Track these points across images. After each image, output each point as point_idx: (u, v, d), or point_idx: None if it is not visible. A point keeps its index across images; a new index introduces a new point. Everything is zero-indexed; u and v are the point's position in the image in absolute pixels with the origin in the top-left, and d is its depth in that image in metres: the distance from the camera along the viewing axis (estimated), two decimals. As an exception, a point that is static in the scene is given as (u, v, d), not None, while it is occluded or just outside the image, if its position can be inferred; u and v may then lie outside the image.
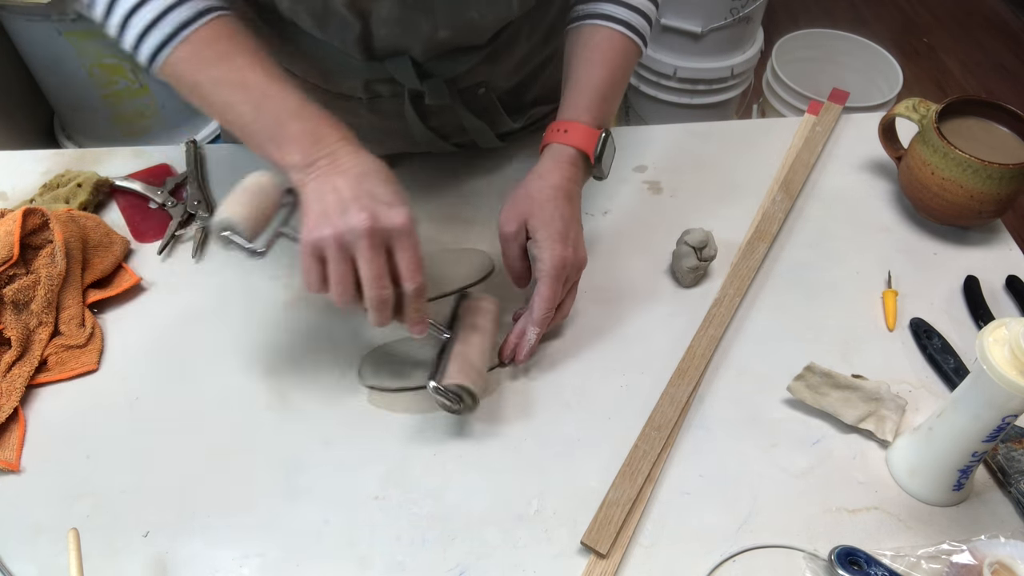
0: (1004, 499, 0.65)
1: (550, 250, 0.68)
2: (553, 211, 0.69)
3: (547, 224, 0.69)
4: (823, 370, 0.69)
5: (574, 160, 0.71)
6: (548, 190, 0.70)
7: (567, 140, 0.71)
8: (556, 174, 0.70)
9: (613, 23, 0.73)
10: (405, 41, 0.72)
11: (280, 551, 0.61)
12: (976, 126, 0.84)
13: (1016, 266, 0.82)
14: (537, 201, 0.69)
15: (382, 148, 0.87)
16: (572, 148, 0.71)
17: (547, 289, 0.68)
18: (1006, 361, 0.54)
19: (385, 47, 0.72)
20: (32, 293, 0.72)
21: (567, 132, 0.71)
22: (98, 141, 1.69)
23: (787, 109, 1.70)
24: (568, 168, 0.71)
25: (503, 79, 0.83)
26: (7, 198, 0.87)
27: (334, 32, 0.70)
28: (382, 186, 0.61)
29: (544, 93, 0.91)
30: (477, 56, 0.77)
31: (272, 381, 0.72)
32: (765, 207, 0.87)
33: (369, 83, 0.77)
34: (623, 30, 0.72)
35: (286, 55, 0.76)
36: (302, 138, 0.61)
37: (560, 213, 0.69)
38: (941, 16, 2.64)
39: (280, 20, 0.72)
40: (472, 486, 0.65)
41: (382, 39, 0.71)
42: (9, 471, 0.65)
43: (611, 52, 0.73)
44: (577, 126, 0.71)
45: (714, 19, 1.62)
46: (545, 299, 0.69)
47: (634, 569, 0.61)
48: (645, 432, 0.68)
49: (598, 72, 0.72)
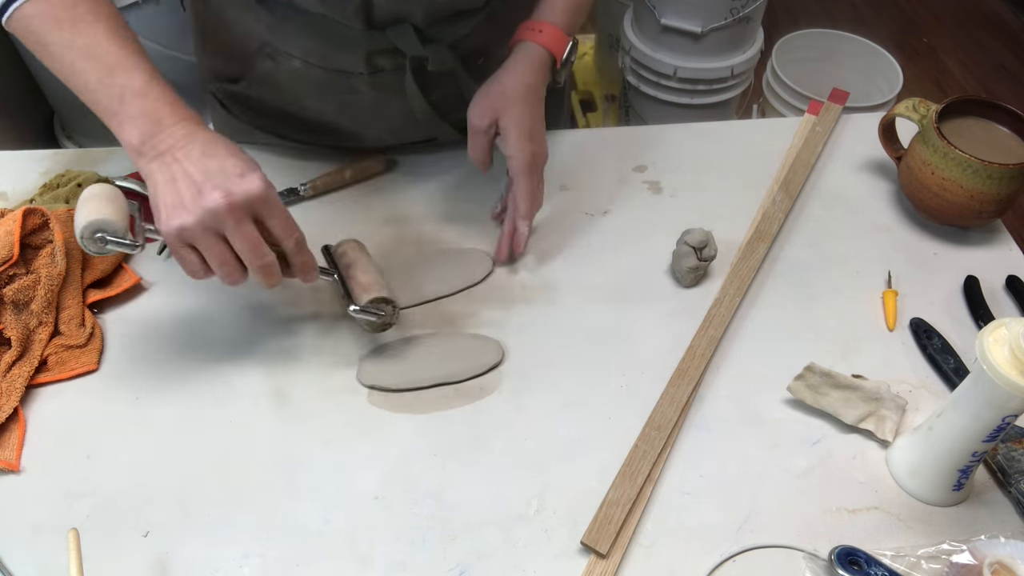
0: (1004, 499, 0.65)
1: (522, 148, 0.73)
2: (523, 109, 0.73)
3: (518, 122, 0.73)
4: (823, 370, 0.69)
5: (544, 60, 0.75)
6: (521, 88, 0.74)
7: (541, 40, 0.75)
8: (528, 72, 0.74)
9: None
10: (405, 8, 0.72)
11: (280, 551, 0.61)
12: (976, 126, 0.84)
13: (1016, 266, 0.82)
14: (510, 99, 0.74)
15: (382, 131, 0.87)
16: (544, 48, 0.75)
17: (527, 183, 0.75)
18: (1006, 361, 0.54)
19: (386, 15, 0.73)
20: (32, 293, 0.72)
21: (541, 32, 0.75)
22: (98, 141, 1.68)
23: (787, 109, 1.70)
24: (539, 67, 0.75)
25: (502, 46, 0.83)
26: (7, 198, 0.87)
27: (334, 3, 0.71)
28: (229, 159, 0.60)
29: None
30: (476, 18, 0.77)
31: (272, 381, 0.72)
32: (765, 207, 0.87)
33: (371, 56, 0.77)
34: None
35: (285, 35, 0.76)
36: (141, 118, 0.60)
37: (530, 111, 0.74)
38: (941, 16, 2.64)
39: (278, 1, 0.72)
40: (472, 486, 0.65)
41: (382, 7, 0.72)
42: (9, 471, 0.65)
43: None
44: (551, 28, 0.75)
45: (714, 19, 1.62)
46: (527, 192, 0.75)
47: (634, 569, 0.61)
48: (645, 432, 0.68)
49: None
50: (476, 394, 0.71)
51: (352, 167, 0.89)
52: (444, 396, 0.71)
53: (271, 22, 0.75)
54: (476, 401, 0.71)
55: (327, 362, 0.73)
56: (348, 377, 0.72)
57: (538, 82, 0.75)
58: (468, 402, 0.71)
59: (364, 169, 0.89)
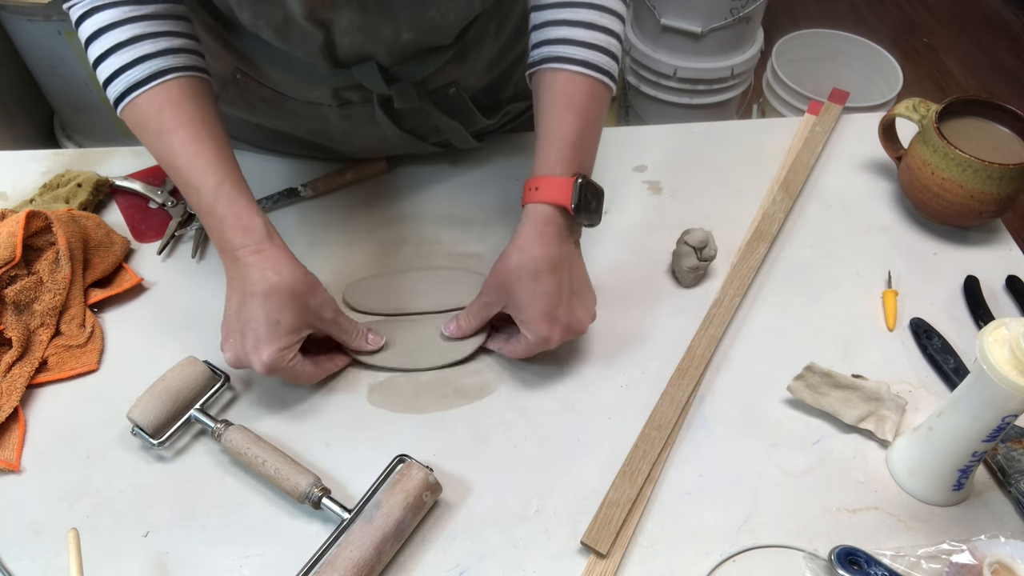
0: (1004, 499, 0.65)
1: (534, 332, 0.67)
2: (534, 289, 0.66)
3: (528, 306, 0.67)
4: (823, 370, 0.69)
5: (551, 218, 0.67)
6: (529, 264, 0.66)
7: (540, 198, 0.67)
8: (536, 242, 0.67)
9: (572, 65, 0.68)
10: (369, 47, 0.71)
11: (280, 551, 0.61)
12: (976, 126, 0.84)
13: (1016, 266, 0.82)
14: (517, 278, 0.67)
15: (358, 151, 0.87)
16: (546, 205, 0.67)
17: (524, 351, 0.70)
18: (1006, 361, 0.54)
19: (349, 54, 0.72)
20: (33, 294, 0.73)
21: (538, 190, 0.67)
22: (98, 141, 1.69)
23: (787, 109, 1.70)
24: (547, 229, 0.67)
25: (474, 78, 0.82)
26: (7, 198, 0.87)
27: (297, 43, 0.70)
28: (251, 323, 0.64)
29: (519, 92, 0.90)
30: (444, 56, 0.76)
31: (272, 381, 0.72)
32: (765, 207, 0.87)
33: (338, 91, 0.77)
34: (584, 71, 0.68)
35: (254, 67, 0.76)
36: (211, 233, 0.67)
37: (543, 290, 0.66)
38: (941, 16, 2.64)
39: (246, 34, 0.72)
40: (472, 486, 0.65)
41: (345, 47, 0.70)
42: (9, 471, 0.65)
43: (576, 96, 0.68)
44: (548, 180, 0.67)
45: (714, 19, 1.63)
46: (520, 354, 0.70)
47: (634, 569, 0.61)
48: (645, 432, 0.68)
49: (563, 118, 0.68)
50: (476, 394, 0.71)
51: (353, 168, 0.89)
52: (444, 396, 0.71)
53: (240, 52, 0.75)
54: (476, 401, 0.71)
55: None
56: (348, 377, 0.72)
57: (551, 248, 0.67)
58: (468, 402, 0.71)
59: (365, 170, 0.89)
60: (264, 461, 0.63)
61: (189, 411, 0.67)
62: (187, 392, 0.67)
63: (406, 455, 0.64)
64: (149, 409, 0.65)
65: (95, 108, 1.64)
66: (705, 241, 0.77)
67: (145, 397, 0.66)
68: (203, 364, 0.69)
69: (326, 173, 0.89)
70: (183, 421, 0.67)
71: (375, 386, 0.72)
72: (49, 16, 1.49)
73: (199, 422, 0.67)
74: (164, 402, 0.66)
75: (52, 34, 1.52)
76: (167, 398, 0.66)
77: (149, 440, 0.65)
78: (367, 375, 0.72)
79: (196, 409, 0.67)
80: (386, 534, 0.58)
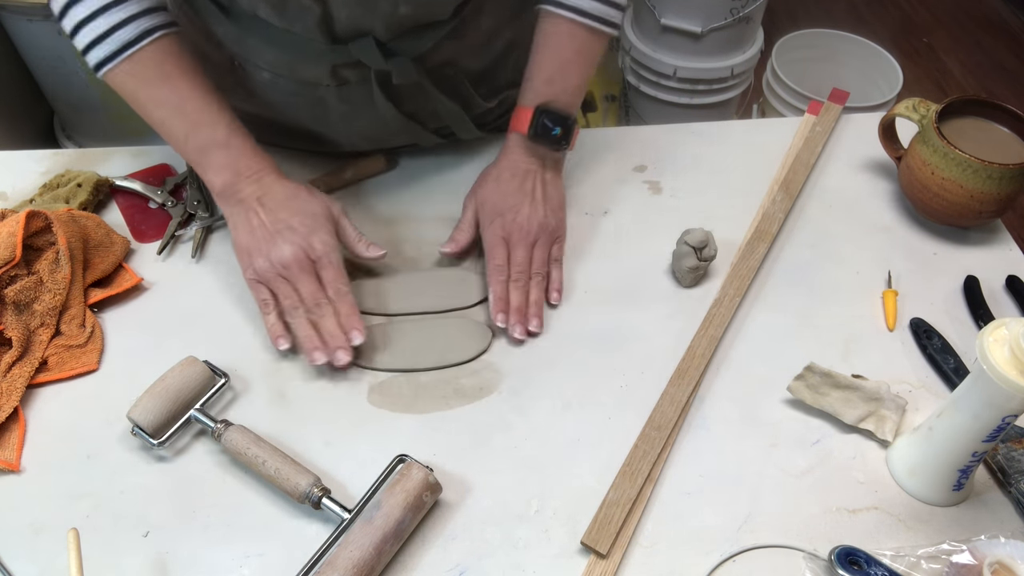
0: (1004, 499, 0.65)
1: (489, 229, 0.78)
2: (495, 188, 0.79)
3: (486, 201, 0.79)
4: (823, 370, 0.69)
5: (518, 142, 0.79)
6: (493, 171, 0.80)
7: (511, 126, 0.80)
8: (503, 157, 0.81)
9: (561, 9, 0.76)
10: (366, 21, 0.72)
11: (280, 551, 0.61)
12: (976, 126, 0.84)
13: (1016, 266, 0.82)
14: (482, 183, 0.80)
15: (356, 139, 0.88)
16: (514, 132, 0.80)
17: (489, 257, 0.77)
18: (1006, 361, 0.54)
19: (347, 29, 0.72)
20: (33, 294, 0.73)
21: (512, 120, 0.80)
22: (98, 141, 1.69)
23: (787, 109, 1.70)
24: (514, 149, 0.80)
25: (472, 58, 0.83)
26: (7, 198, 0.87)
27: (294, 18, 0.71)
28: (296, 216, 0.71)
29: (517, 76, 0.90)
30: (441, 31, 0.76)
31: (272, 381, 0.72)
32: (765, 207, 0.87)
33: (335, 68, 0.77)
34: (571, 15, 0.75)
35: (251, 48, 0.76)
36: (223, 169, 0.72)
37: (502, 189, 0.78)
38: (941, 16, 2.64)
39: (242, 13, 0.73)
40: (472, 486, 0.65)
41: (343, 21, 0.71)
42: (9, 471, 0.65)
43: (556, 37, 0.77)
44: (518, 111, 0.79)
45: (714, 19, 1.62)
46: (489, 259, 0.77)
47: (634, 569, 0.61)
48: (645, 432, 0.68)
49: (543, 57, 0.78)
50: (476, 394, 0.71)
51: (352, 166, 0.89)
52: (444, 396, 0.71)
53: (237, 34, 0.75)
54: (476, 401, 0.71)
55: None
56: (348, 377, 0.72)
57: (515, 160, 0.80)
58: (468, 402, 0.71)
59: (364, 168, 0.89)
60: (264, 461, 0.63)
61: (189, 411, 0.67)
62: (187, 392, 0.67)
63: (406, 455, 0.64)
64: (149, 409, 0.65)
65: (95, 108, 1.64)
66: (705, 241, 0.77)
67: (145, 397, 0.66)
68: (203, 364, 0.69)
69: (326, 172, 0.89)
70: (183, 421, 0.67)
71: (375, 386, 0.72)
72: (49, 16, 1.49)
73: (199, 422, 0.67)
74: (164, 402, 0.66)
75: (52, 34, 1.52)
76: (167, 398, 0.66)
77: (149, 440, 0.65)
78: (367, 375, 0.72)
79: (196, 409, 0.67)
80: (386, 534, 0.58)
